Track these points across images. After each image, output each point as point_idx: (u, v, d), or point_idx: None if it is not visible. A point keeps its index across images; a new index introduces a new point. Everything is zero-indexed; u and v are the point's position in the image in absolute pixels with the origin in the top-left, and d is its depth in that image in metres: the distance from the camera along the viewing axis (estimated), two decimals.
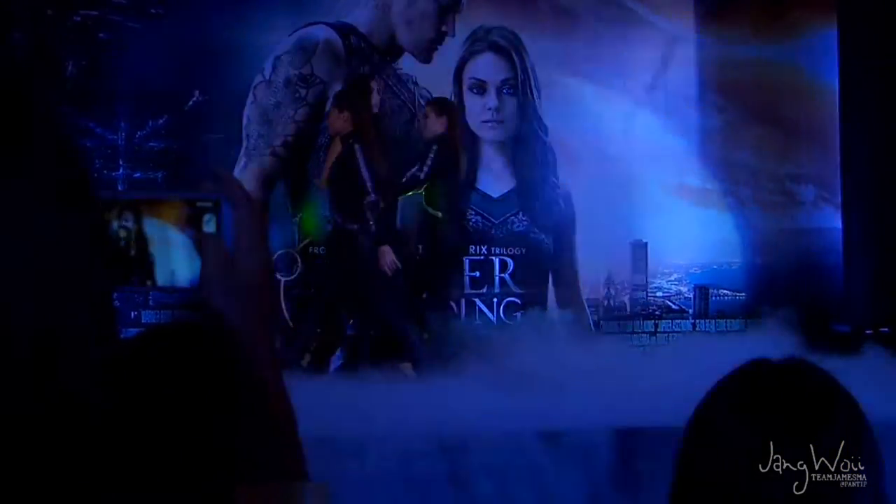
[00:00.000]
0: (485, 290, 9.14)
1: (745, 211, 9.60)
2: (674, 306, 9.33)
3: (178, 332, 1.25)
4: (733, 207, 9.57)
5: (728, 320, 9.07)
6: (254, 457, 1.06)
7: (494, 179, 9.37)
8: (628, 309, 9.19)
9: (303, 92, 9.08)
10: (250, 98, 9.02)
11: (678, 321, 9.18)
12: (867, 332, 8.35)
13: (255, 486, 1.05)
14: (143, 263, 1.08)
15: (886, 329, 8.25)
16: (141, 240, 1.08)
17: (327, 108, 8.84)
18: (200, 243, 1.05)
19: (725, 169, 9.62)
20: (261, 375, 1.04)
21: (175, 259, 1.07)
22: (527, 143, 9.38)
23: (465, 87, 9.32)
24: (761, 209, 9.61)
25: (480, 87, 9.34)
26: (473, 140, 9.28)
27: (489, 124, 9.33)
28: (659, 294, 9.38)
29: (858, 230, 9.22)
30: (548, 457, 5.35)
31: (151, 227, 1.07)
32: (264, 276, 1.05)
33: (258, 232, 1.05)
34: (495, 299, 9.17)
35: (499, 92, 9.33)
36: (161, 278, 1.08)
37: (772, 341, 6.87)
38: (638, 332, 9.01)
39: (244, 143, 8.94)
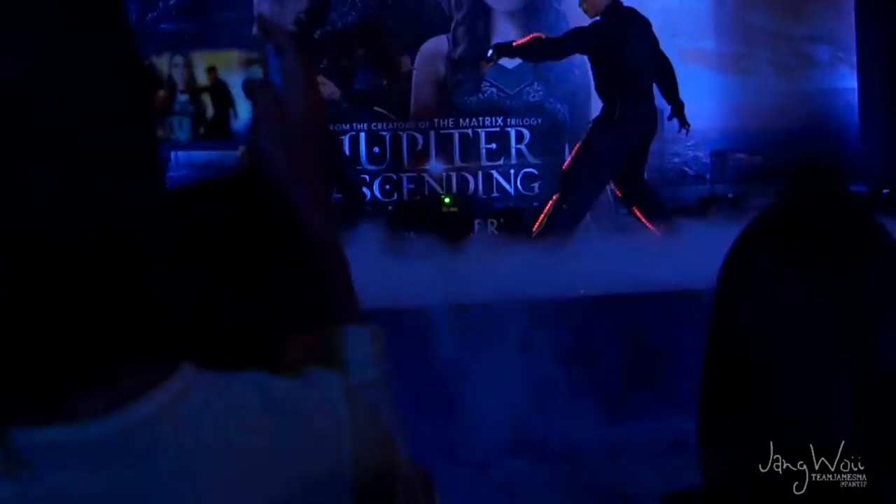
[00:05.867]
0: (501, 161, 9.14)
1: (762, 74, 9.51)
2: (690, 172, 9.30)
3: (227, 183, 1.27)
4: (749, 71, 9.48)
5: (745, 184, 9.03)
6: (307, 304, 1.09)
7: None
8: (645, 175, 9.12)
9: None
10: None
11: (695, 187, 9.16)
12: (884, 192, 8.34)
13: (309, 332, 1.09)
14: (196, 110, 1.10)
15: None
16: (193, 87, 1.10)
17: None
18: (250, 89, 1.04)
19: (741, 32, 9.51)
20: (313, 222, 1.06)
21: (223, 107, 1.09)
22: (539, 12, 9.27)
23: None
24: (777, 72, 9.52)
25: None
26: (486, 10, 9.18)
27: None
28: (676, 160, 9.35)
29: (874, 89, 9.15)
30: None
31: (201, 75, 1.09)
32: (317, 120, 1.07)
33: (307, 75, 1.05)
34: (512, 170, 9.17)
35: None
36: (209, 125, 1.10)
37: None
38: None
39: (256, 22, 8.85)
